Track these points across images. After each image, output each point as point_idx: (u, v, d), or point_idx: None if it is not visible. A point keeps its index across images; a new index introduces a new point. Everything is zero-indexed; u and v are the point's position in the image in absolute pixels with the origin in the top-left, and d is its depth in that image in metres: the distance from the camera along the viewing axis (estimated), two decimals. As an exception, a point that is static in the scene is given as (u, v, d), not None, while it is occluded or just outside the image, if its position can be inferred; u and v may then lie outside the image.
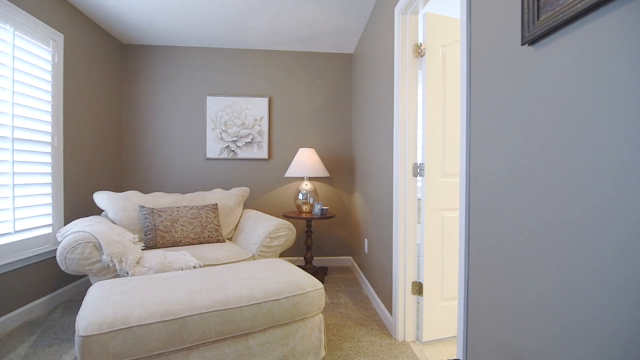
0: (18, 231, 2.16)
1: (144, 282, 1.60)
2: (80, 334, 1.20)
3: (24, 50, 2.20)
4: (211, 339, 1.41)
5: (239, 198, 3.02)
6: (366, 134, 2.93)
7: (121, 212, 2.52)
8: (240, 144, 3.55)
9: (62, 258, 1.83)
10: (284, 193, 3.63)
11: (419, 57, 2.02)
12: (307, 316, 1.64)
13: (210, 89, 3.56)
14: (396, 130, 2.04)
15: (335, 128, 3.67)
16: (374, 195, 2.61)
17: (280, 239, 2.45)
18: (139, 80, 3.50)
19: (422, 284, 1.97)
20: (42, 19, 2.36)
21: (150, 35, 3.27)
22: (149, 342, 1.29)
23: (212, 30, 3.13)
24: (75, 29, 2.72)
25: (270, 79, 3.61)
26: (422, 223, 1.95)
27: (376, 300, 2.48)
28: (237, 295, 1.49)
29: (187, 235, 2.51)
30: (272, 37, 3.27)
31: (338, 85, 3.67)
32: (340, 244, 3.71)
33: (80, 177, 2.81)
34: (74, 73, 2.71)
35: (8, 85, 2.08)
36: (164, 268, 1.98)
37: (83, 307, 1.37)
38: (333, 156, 3.67)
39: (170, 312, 1.34)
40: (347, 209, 3.69)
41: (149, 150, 3.52)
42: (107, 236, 1.95)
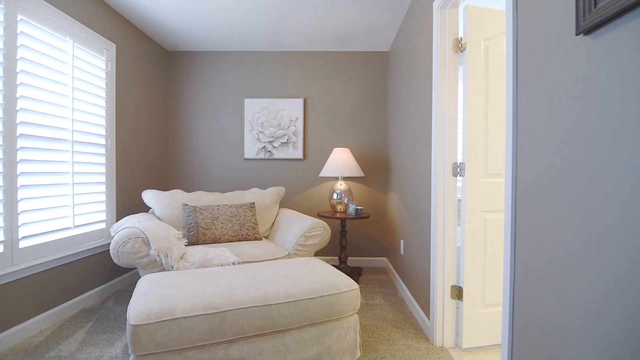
0: (77, 226, 2.36)
1: (187, 276, 1.69)
2: (131, 323, 1.29)
3: (82, 60, 2.40)
4: (250, 333, 1.45)
5: (275, 197, 3.08)
6: (402, 133, 2.87)
7: (166, 210, 2.67)
8: (276, 144, 3.62)
9: (115, 251, 1.98)
10: (318, 193, 3.65)
11: (459, 52, 1.95)
12: (343, 316, 1.64)
13: (247, 92, 3.67)
14: (435, 128, 1.98)
15: (370, 127, 3.64)
16: (411, 195, 2.55)
17: (315, 238, 2.47)
18: (182, 84, 3.69)
19: (462, 288, 1.90)
20: (97, 31, 2.56)
21: (192, 42, 3.43)
22: (193, 333, 1.35)
23: (249, 34, 3.23)
24: (125, 39, 2.92)
25: (305, 79, 3.65)
26: (463, 225, 1.87)
27: (412, 303, 2.42)
28: (275, 293, 1.53)
29: (227, 232, 2.61)
30: (307, 38, 3.30)
31: (373, 84, 3.63)
32: (375, 245, 3.66)
33: (130, 177, 3.02)
34: (124, 80, 2.91)
35: (68, 93, 2.28)
36: (206, 263, 2.07)
37: (133, 298, 1.46)
38: (368, 156, 3.64)
39: (212, 306, 1.40)
40: (382, 209, 3.64)
41: (191, 151, 3.70)
42: (154, 232, 2.08)
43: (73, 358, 1.77)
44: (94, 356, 1.79)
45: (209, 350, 1.40)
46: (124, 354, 1.81)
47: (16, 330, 1.92)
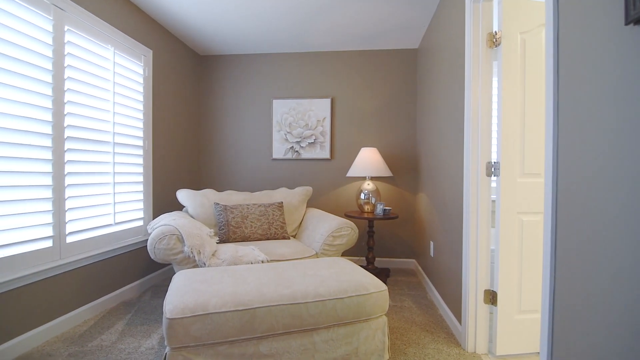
0: (117, 223, 2.50)
1: (219, 273, 1.74)
2: (167, 316, 1.35)
3: (122, 66, 2.54)
4: (279, 331, 1.48)
5: (303, 197, 3.11)
6: (432, 131, 2.80)
7: (199, 208, 2.76)
8: (303, 144, 3.65)
9: (152, 248, 2.08)
10: (345, 193, 3.64)
11: (494, 47, 1.87)
12: (371, 317, 1.63)
13: (276, 93, 3.72)
14: (467, 127, 1.91)
15: (399, 126, 3.58)
16: (441, 195, 2.48)
17: (343, 238, 2.46)
18: (214, 87, 3.81)
19: (496, 293, 1.82)
20: (135, 38, 2.69)
21: (223, 46, 3.53)
22: (224, 328, 1.39)
23: (278, 37, 3.27)
24: (161, 45, 3.06)
25: (332, 79, 3.65)
26: (497, 227, 1.80)
27: (443, 307, 2.36)
28: (303, 291, 1.54)
29: (256, 231, 2.66)
30: (335, 38, 3.30)
31: (401, 82, 3.57)
32: (404, 246, 3.60)
33: (165, 176, 3.16)
34: (159, 84, 3.05)
35: (110, 97, 2.42)
36: (236, 261, 2.13)
37: (169, 293, 1.53)
38: (396, 155, 3.58)
39: (242, 303, 1.44)
40: (411, 209, 3.57)
41: (222, 151, 3.81)
42: (188, 230, 2.16)
43: (113, 347, 1.88)
44: (133, 347, 1.89)
45: (239, 346, 1.44)
46: (160, 346, 1.90)
47: (63, 319, 2.07)
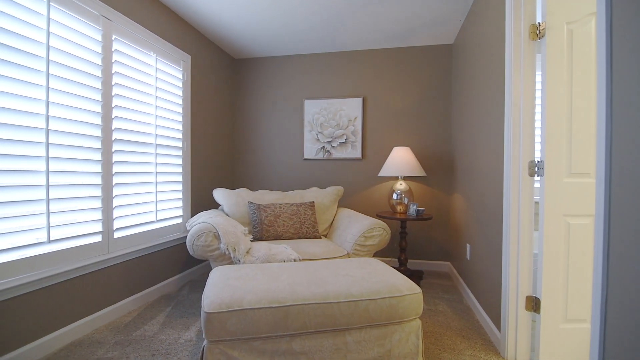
0: (159, 220, 2.64)
1: (253, 270, 1.78)
2: (205, 310, 1.40)
3: (163, 72, 2.67)
4: (311, 329, 1.49)
5: (334, 197, 3.11)
6: (469, 129, 2.70)
7: (234, 207, 2.85)
8: (334, 144, 3.65)
9: (191, 244, 2.17)
10: (377, 193, 3.60)
11: (537, 39, 1.77)
12: (404, 320, 1.60)
13: (307, 93, 3.76)
14: (508, 124, 1.82)
15: (433, 124, 3.48)
16: (479, 196, 2.39)
17: (375, 239, 2.44)
18: (247, 89, 3.92)
19: (539, 299, 1.72)
20: (175, 44, 2.83)
21: (256, 49, 3.62)
22: (258, 324, 1.43)
23: (310, 38, 3.30)
24: (198, 50, 3.19)
25: (364, 78, 3.62)
26: (541, 230, 1.69)
27: (480, 312, 2.26)
28: (335, 291, 1.54)
29: (288, 230, 2.70)
30: (367, 36, 3.27)
31: (435, 79, 3.46)
32: (438, 248, 3.50)
33: (202, 176, 3.29)
34: (197, 87, 3.18)
35: (152, 101, 2.55)
36: (269, 259, 2.17)
37: (207, 288, 1.59)
38: (430, 154, 3.49)
39: (276, 300, 1.46)
40: (446, 210, 3.46)
41: (255, 151, 3.91)
42: (224, 227, 2.24)
43: (155, 338, 1.99)
44: (172, 338, 1.99)
45: (273, 342, 1.47)
46: (197, 338, 1.98)
47: (110, 309, 2.22)
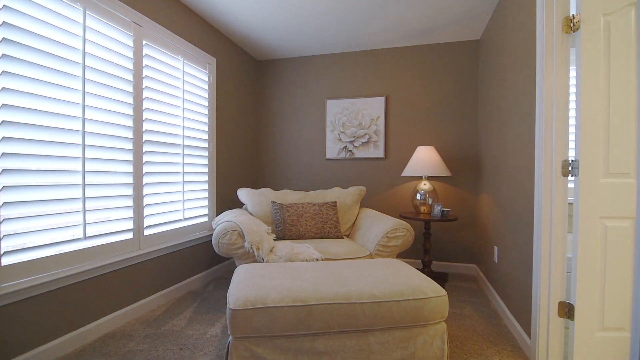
0: (186, 218, 2.73)
1: (276, 269, 1.81)
2: (230, 307, 1.44)
3: (190, 75, 2.75)
4: (334, 329, 1.49)
5: (356, 197, 3.10)
6: (497, 127, 2.61)
7: (257, 206, 2.90)
8: (357, 144, 3.63)
9: (216, 242, 2.23)
10: (400, 193, 3.55)
11: (571, 33, 1.68)
12: (429, 323, 1.57)
13: (329, 93, 3.76)
14: (539, 121, 1.75)
15: (458, 123, 3.39)
16: (508, 197, 2.30)
17: (398, 240, 2.41)
18: (270, 90, 3.97)
19: (573, 306, 1.64)
20: (201, 48, 2.91)
21: (279, 50, 3.66)
22: (282, 322, 1.45)
23: (332, 38, 3.30)
24: (223, 52, 3.26)
25: (386, 77, 3.58)
26: (575, 233, 1.62)
27: (508, 317, 2.19)
28: (358, 291, 1.54)
29: (310, 229, 2.72)
30: (389, 35, 3.24)
31: (461, 76, 3.37)
32: (463, 250, 3.41)
33: (227, 176, 3.36)
34: (222, 89, 3.26)
35: (180, 104, 2.64)
36: (292, 258, 2.19)
37: (232, 285, 1.63)
38: (455, 154, 3.40)
39: (299, 299, 1.48)
40: (472, 211, 3.37)
41: (278, 151, 3.95)
42: (248, 226, 2.28)
43: (183, 332, 2.05)
44: (199, 333, 2.04)
45: (296, 341, 1.48)
46: (222, 334, 2.03)
47: (141, 303, 2.31)
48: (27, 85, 1.61)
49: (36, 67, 1.64)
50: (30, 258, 1.63)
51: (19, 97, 1.58)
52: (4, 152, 1.52)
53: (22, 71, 1.59)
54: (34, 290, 1.65)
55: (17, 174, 1.58)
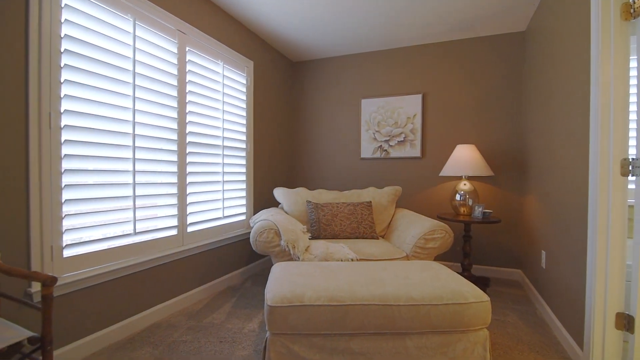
0: (226, 216, 2.83)
1: (312, 268, 1.83)
2: (268, 304, 1.47)
3: (229, 78, 2.86)
4: (370, 330, 1.48)
5: (392, 197, 3.05)
6: (546, 124, 2.45)
7: (293, 206, 2.95)
8: (392, 143, 3.57)
9: (254, 240, 2.30)
10: (438, 193, 3.44)
11: (631, 19, 1.54)
12: (470, 329, 1.50)
13: (364, 92, 3.73)
14: (594, 117, 1.62)
15: (501, 120, 3.22)
16: (558, 198, 2.15)
17: (436, 242, 2.33)
18: (305, 91, 4.01)
19: (632, 317, 1.50)
20: (239, 52, 3.01)
21: (314, 51, 3.69)
22: (318, 321, 1.46)
23: (366, 36, 3.27)
24: (260, 55, 3.35)
25: (423, 74, 3.48)
26: (637, 238, 1.47)
27: (557, 327, 2.04)
28: (395, 293, 1.51)
29: (345, 229, 2.71)
30: (427, 30, 3.14)
31: (504, 70, 3.20)
32: (507, 254, 3.23)
33: (263, 176, 3.45)
34: (258, 91, 3.34)
35: (220, 106, 2.75)
36: (327, 257, 2.20)
37: (269, 282, 1.67)
38: (498, 152, 3.23)
39: (335, 298, 1.48)
40: (516, 213, 3.18)
41: (312, 151, 3.99)
42: (284, 225, 2.32)
43: (222, 326, 2.13)
44: (237, 327, 2.11)
45: (332, 340, 1.49)
46: (260, 330, 2.09)
47: (184, 297, 2.43)
48: (85, 92, 1.76)
49: (93, 75, 1.78)
50: (86, 251, 1.78)
51: (78, 103, 1.72)
52: (66, 153, 1.67)
53: (80, 79, 1.73)
54: (90, 282, 1.79)
55: (76, 174, 1.73)
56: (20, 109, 1.51)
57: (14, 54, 1.48)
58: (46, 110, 1.57)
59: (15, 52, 1.48)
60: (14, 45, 1.48)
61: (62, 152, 1.65)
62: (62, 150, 1.65)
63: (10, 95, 1.47)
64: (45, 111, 1.57)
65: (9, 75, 1.47)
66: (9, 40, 1.47)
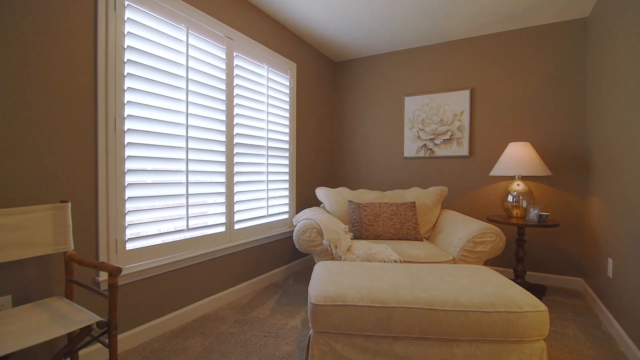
0: (270, 215, 2.92)
1: (354, 268, 1.82)
2: (312, 302, 1.49)
3: (273, 81, 2.93)
4: (415, 334, 1.44)
5: (437, 197, 2.94)
6: (615, 118, 2.22)
7: (335, 205, 2.95)
8: (437, 141, 3.44)
9: (297, 238, 2.34)
10: (487, 194, 3.25)
11: None
12: (525, 340, 1.41)
13: (407, 90, 3.64)
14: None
15: (560, 115, 2.97)
16: (628, 200, 1.94)
17: (486, 245, 2.21)
18: (347, 90, 4.00)
19: None
20: (283, 54, 3.07)
21: (355, 50, 3.67)
22: (361, 322, 1.45)
23: (408, 32, 3.18)
24: (302, 57, 3.40)
25: (471, 69, 3.31)
26: None
27: (626, 343, 1.84)
28: (442, 298, 1.46)
29: (388, 230, 2.67)
30: (475, 22, 2.99)
31: (563, 61, 2.94)
32: (565, 261, 2.97)
33: (305, 175, 3.50)
34: (301, 92, 3.39)
35: (264, 108, 2.83)
36: (369, 258, 2.18)
37: (312, 281, 1.69)
38: (556, 150, 2.98)
39: (378, 300, 1.46)
40: (578, 216, 2.92)
41: (354, 151, 3.97)
42: (326, 225, 2.34)
43: (266, 321, 2.20)
44: (281, 323, 2.17)
45: (375, 342, 1.47)
46: (302, 327, 2.12)
47: (230, 291, 2.54)
48: (144, 98, 1.90)
49: (151, 82, 1.92)
50: (143, 245, 1.93)
51: (138, 108, 1.87)
52: (129, 155, 1.83)
53: (140, 86, 1.88)
54: (148, 273, 1.94)
55: (137, 173, 1.88)
56: (90, 115, 1.67)
57: (84, 66, 1.65)
58: (112, 115, 1.73)
59: (85, 63, 1.65)
60: (85, 58, 1.65)
61: (125, 154, 1.80)
62: (125, 152, 1.80)
63: (81, 103, 1.64)
64: (111, 116, 1.73)
65: (81, 85, 1.63)
66: (81, 54, 1.63)
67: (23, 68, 1.44)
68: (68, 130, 1.59)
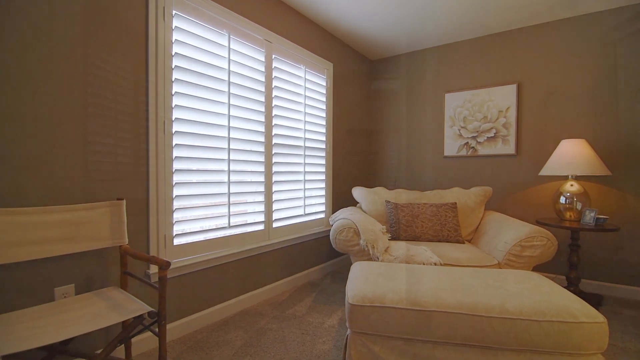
0: (307, 214, 2.96)
1: (392, 269, 1.79)
2: (349, 302, 1.49)
3: (310, 81, 2.96)
4: (456, 340, 1.39)
5: (480, 198, 2.81)
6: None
7: (371, 205, 2.93)
8: (480, 139, 3.29)
9: (333, 238, 2.35)
10: (536, 195, 3.05)
11: None
12: (580, 353, 1.31)
13: (448, 86, 3.51)
14: None
15: (620, 110, 2.71)
16: None
17: (535, 250, 2.08)
18: (384, 89, 3.94)
19: None
20: (320, 55, 3.09)
21: (393, 48, 3.60)
22: (399, 324, 1.43)
23: (448, 27, 3.06)
24: (339, 57, 3.40)
25: (517, 62, 3.12)
26: None
27: None
28: (486, 304, 1.39)
29: (427, 231, 2.59)
30: (520, 12, 2.81)
31: (623, 50, 2.68)
32: (626, 269, 2.71)
33: (341, 175, 3.50)
34: (338, 92, 3.39)
35: (302, 109, 2.87)
36: (408, 259, 2.13)
37: (350, 281, 1.69)
38: (616, 148, 2.73)
39: (418, 303, 1.43)
40: (642, 221, 2.65)
41: (390, 150, 3.90)
42: (363, 225, 2.32)
43: (304, 319, 2.23)
44: (318, 322, 2.19)
45: (414, 345, 1.44)
46: (339, 326, 2.12)
47: (269, 288, 2.61)
48: (189, 102, 2.00)
49: (196, 86, 2.02)
50: (189, 241, 2.03)
51: (184, 111, 1.98)
52: (176, 155, 1.93)
53: (186, 90, 1.98)
54: (193, 268, 2.05)
55: (183, 173, 1.98)
56: (143, 118, 1.79)
57: (138, 73, 1.77)
58: (162, 118, 1.84)
59: (138, 70, 1.77)
60: (137, 65, 1.77)
61: (173, 154, 1.91)
62: (173, 153, 1.92)
63: (135, 107, 1.76)
64: (161, 119, 1.84)
65: (135, 91, 1.76)
66: (134, 62, 1.76)
67: (82, 76, 1.58)
68: (125, 133, 1.72)
